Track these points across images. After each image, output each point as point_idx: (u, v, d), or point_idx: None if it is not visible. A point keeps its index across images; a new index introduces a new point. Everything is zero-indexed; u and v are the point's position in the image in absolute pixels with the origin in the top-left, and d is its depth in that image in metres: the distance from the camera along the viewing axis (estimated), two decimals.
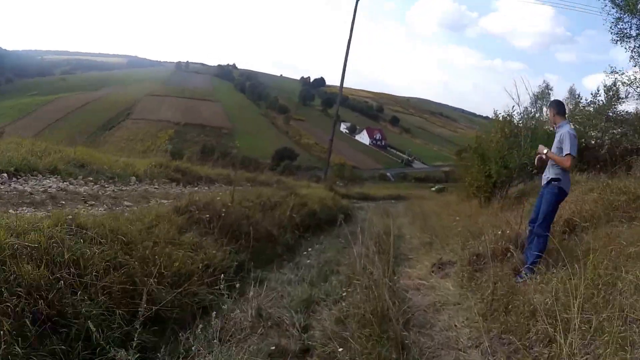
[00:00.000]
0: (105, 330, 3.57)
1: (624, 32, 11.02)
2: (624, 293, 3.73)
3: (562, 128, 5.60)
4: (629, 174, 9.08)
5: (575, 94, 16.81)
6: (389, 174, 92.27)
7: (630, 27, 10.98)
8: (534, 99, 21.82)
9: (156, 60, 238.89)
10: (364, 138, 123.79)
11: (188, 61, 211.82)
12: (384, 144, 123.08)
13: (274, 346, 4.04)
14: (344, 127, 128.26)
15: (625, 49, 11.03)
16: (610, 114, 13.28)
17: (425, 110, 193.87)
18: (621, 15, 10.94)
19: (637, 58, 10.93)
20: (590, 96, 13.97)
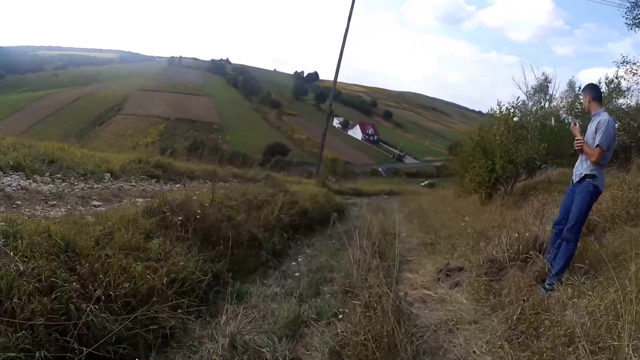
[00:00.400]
0: None
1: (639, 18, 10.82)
2: None
3: (599, 116, 4.76)
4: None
5: (575, 87, 16.41)
6: (380, 169, 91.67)
7: None
8: (532, 91, 21.24)
9: (149, 56, 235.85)
10: (356, 133, 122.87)
11: (181, 56, 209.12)
12: (376, 139, 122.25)
13: None
14: (336, 122, 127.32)
15: None
16: (611, 107, 12.61)
17: (419, 104, 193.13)
18: (638, 1, 10.74)
19: None
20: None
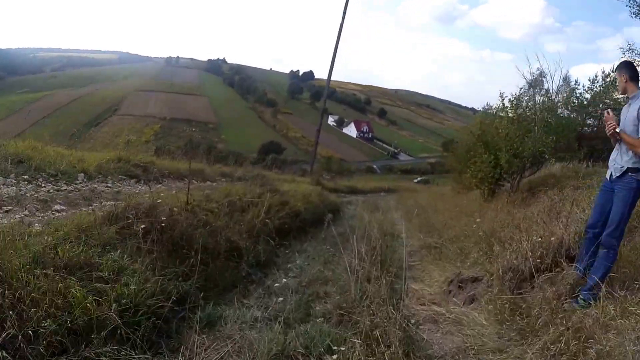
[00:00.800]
0: None
1: None
2: None
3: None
4: None
5: (570, 81, 15.91)
6: (375, 167, 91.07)
7: None
8: (527, 86, 20.44)
9: (147, 56, 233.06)
10: (351, 131, 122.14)
11: (178, 56, 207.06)
12: (371, 136, 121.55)
13: None
14: (331, 120, 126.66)
15: None
16: (608, 101, 12.35)
17: (412, 102, 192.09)
18: None
19: None
20: (588, 82, 13.09)
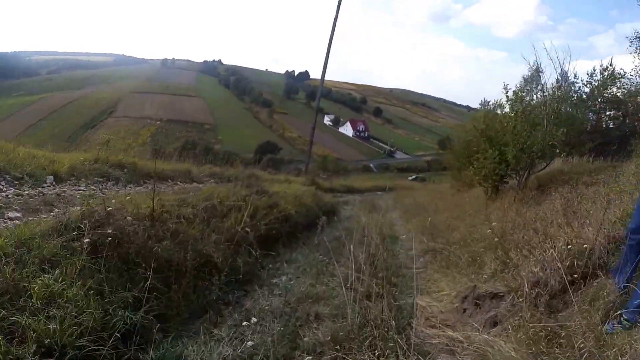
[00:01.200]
0: None
1: None
2: None
3: None
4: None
5: (567, 76, 15.17)
6: (372, 165, 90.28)
7: None
8: (524, 82, 19.61)
9: (142, 58, 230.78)
10: (347, 130, 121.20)
11: (174, 58, 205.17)
12: (367, 135, 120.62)
13: None
14: (327, 120, 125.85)
15: None
16: (606, 95, 12.21)
17: (408, 101, 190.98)
18: None
19: None
20: (587, 76, 12.23)
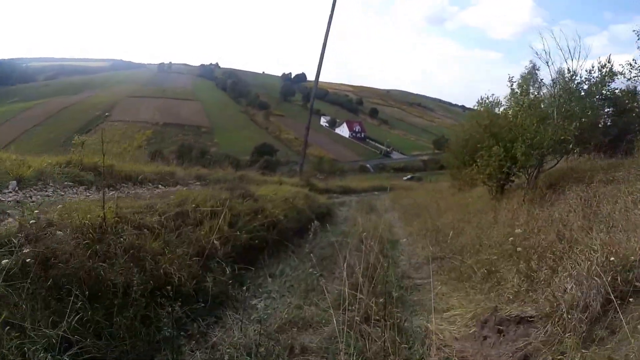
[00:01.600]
0: None
1: None
2: None
3: None
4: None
5: (565, 74, 14.35)
6: (368, 166, 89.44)
7: None
8: (522, 80, 18.75)
9: (139, 63, 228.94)
10: (343, 131, 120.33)
11: (171, 62, 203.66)
12: (363, 136, 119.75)
13: None
14: (324, 121, 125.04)
15: None
16: (605, 92, 10.79)
17: (404, 101, 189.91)
18: None
19: None
20: (585, 73, 11.30)
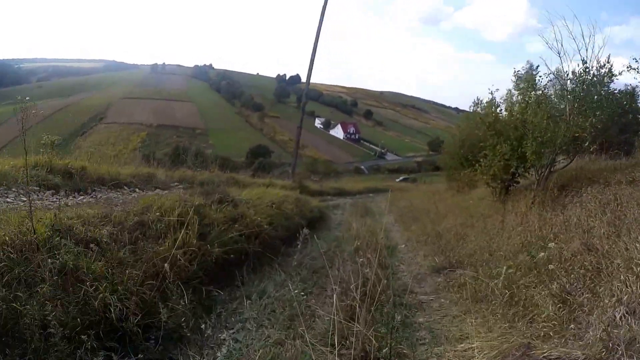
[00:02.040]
0: None
1: None
2: None
3: None
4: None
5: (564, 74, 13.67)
6: (363, 167, 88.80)
7: None
8: (517, 81, 18.02)
9: (133, 64, 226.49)
10: (338, 132, 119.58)
11: (164, 63, 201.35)
12: (357, 137, 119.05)
13: None
14: (318, 123, 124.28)
15: None
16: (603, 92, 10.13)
17: (398, 103, 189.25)
18: None
19: None
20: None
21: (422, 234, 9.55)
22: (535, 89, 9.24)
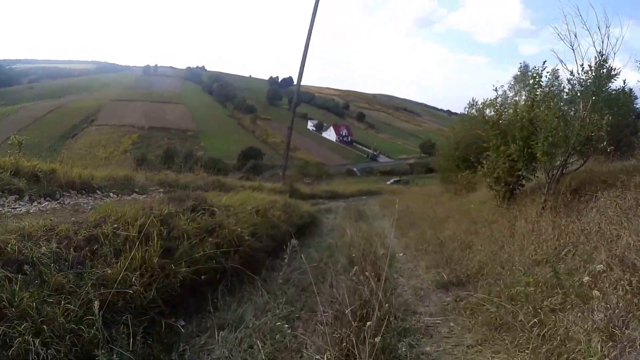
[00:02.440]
0: None
1: None
2: None
3: None
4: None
5: (577, 68, 13.01)
6: (355, 169, 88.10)
7: None
8: (513, 82, 17.42)
9: (125, 65, 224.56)
10: (330, 135, 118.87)
11: (156, 65, 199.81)
12: (350, 139, 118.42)
13: None
14: (310, 125, 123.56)
15: None
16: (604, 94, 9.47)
17: (390, 105, 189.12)
18: None
19: None
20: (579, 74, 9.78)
21: (422, 241, 8.80)
22: (543, 85, 8.59)
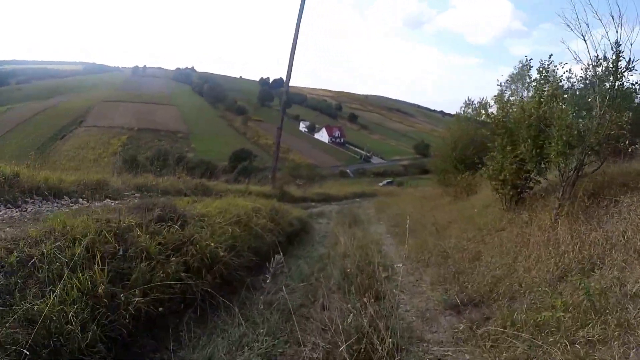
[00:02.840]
0: None
1: None
2: None
3: None
4: None
5: (590, 61, 12.30)
6: (348, 171, 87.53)
7: None
8: (511, 80, 16.76)
9: (114, 66, 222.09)
10: (323, 136, 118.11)
11: (145, 65, 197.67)
12: (343, 141, 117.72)
13: None
14: (303, 126, 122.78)
15: None
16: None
17: (383, 106, 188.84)
18: None
19: None
20: (580, 71, 9.07)
21: (423, 250, 8.07)
22: (550, 80, 7.92)
